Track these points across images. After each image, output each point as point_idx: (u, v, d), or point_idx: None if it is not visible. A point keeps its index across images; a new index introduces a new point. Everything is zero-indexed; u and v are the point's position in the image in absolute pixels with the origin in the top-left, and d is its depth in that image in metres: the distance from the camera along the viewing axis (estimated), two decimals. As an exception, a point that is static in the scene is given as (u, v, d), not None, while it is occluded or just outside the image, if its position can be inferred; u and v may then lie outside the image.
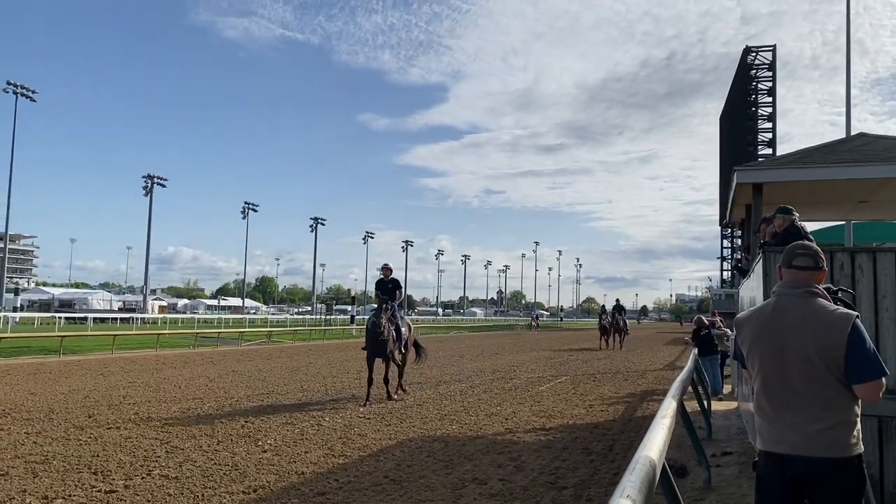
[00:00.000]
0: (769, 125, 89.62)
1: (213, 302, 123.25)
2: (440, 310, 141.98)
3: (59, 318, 49.97)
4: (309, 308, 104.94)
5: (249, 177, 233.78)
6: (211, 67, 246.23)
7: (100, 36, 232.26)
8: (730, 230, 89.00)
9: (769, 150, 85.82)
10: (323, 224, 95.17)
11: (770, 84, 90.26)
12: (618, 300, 38.09)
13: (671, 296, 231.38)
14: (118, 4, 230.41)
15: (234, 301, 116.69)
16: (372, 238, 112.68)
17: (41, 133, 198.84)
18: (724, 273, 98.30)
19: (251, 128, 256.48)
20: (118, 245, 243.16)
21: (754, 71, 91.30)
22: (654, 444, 3.12)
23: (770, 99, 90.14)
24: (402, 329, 13.76)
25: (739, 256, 15.26)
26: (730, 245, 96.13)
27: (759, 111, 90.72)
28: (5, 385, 14.95)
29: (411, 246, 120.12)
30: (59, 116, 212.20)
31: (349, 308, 78.98)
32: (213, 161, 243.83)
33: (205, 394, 13.90)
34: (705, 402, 10.62)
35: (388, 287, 13.91)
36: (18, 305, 68.38)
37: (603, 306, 39.58)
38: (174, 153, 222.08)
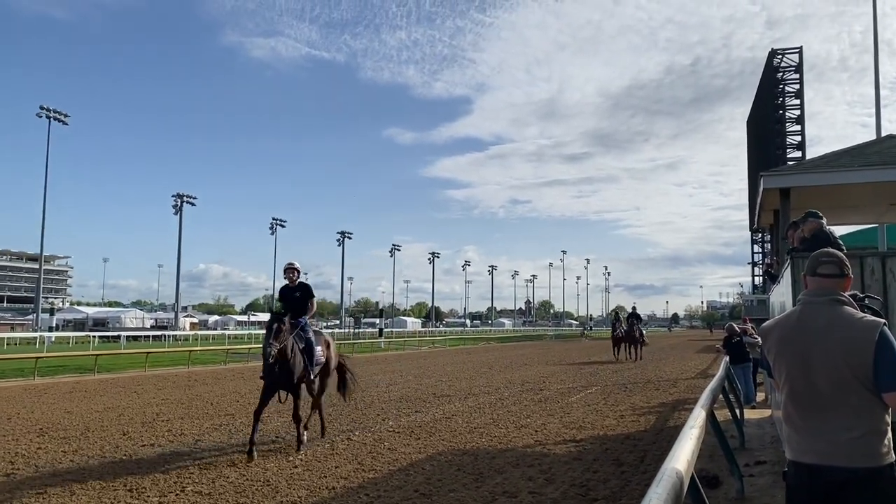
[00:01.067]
0: (798, 128, 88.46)
1: (243, 318, 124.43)
2: (468, 321, 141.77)
3: (94, 336, 50.80)
4: (338, 322, 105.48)
5: (277, 193, 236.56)
6: (239, 87, 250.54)
7: (129, 59, 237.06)
8: (760, 235, 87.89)
9: (798, 153, 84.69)
10: (350, 238, 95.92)
11: (797, 86, 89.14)
12: (634, 307, 36.59)
13: (702, 303, 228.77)
14: (148, 27, 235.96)
15: (264, 316, 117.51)
16: (399, 250, 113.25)
17: (73, 155, 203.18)
18: (756, 278, 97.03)
19: (278, 145, 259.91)
20: (150, 263, 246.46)
21: (781, 73, 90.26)
22: (682, 456, 3.11)
23: (798, 101, 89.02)
24: (318, 349, 10.37)
25: (770, 262, 15.06)
26: (760, 250, 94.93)
27: (787, 114, 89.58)
28: (43, 404, 15.25)
29: (438, 257, 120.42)
30: (91, 138, 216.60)
31: (377, 321, 79.26)
32: (241, 178, 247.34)
33: (236, 410, 14.04)
34: (737, 411, 10.48)
35: (294, 296, 10.53)
36: (54, 325, 69.74)
37: (615, 313, 37.60)
38: (203, 172, 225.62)
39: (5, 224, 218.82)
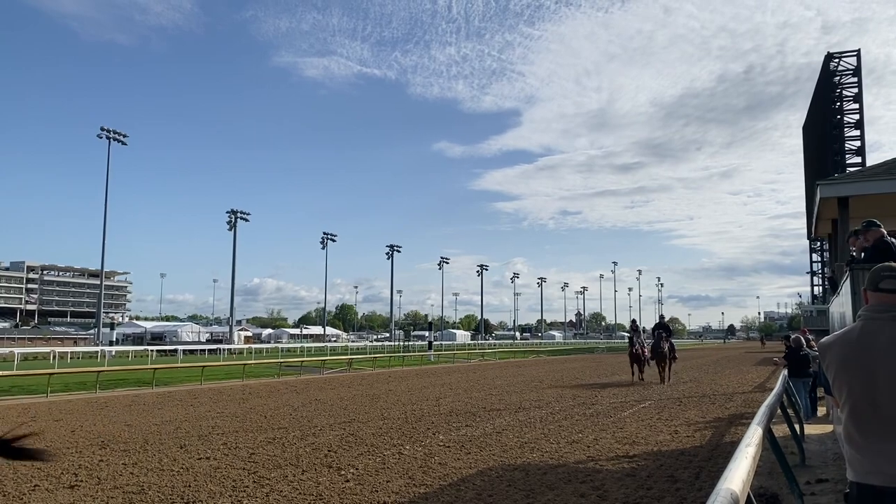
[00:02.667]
0: (857, 133, 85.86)
1: (296, 331, 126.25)
2: (517, 333, 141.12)
3: (152, 350, 52.16)
4: (388, 334, 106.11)
5: (328, 208, 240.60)
6: (292, 106, 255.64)
7: (186, 80, 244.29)
8: (819, 244, 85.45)
9: (858, 159, 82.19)
10: (399, 251, 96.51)
11: (856, 90, 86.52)
12: (661, 316, 29.29)
13: (759, 313, 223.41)
14: (205, 50, 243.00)
15: (316, 329, 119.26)
16: (447, 263, 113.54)
17: (131, 174, 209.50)
18: (815, 288, 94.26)
19: (329, 161, 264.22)
20: (205, 278, 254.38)
21: (838, 77, 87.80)
22: (737, 475, 3.04)
23: (856, 106, 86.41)
24: None
25: (833, 271, 14.60)
26: (819, 259, 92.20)
27: (846, 119, 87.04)
28: (104, 417, 15.71)
29: (486, 270, 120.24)
30: (148, 157, 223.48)
31: (427, 334, 79.44)
32: (294, 194, 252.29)
33: (289, 423, 14.23)
34: (797, 427, 10.17)
35: None
36: (114, 339, 71.92)
37: (633, 322, 28.30)
38: (256, 188, 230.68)
39: (69, 242, 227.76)
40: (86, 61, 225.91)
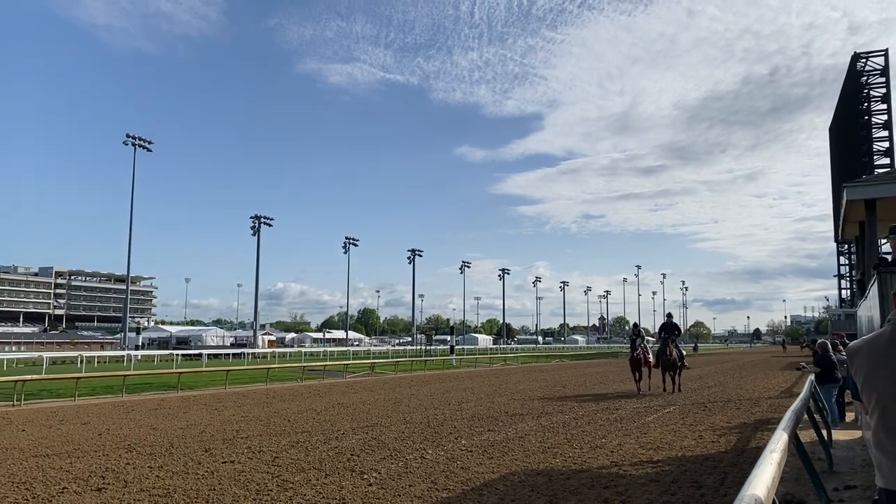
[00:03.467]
0: (885, 133, 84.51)
1: (319, 335, 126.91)
2: (540, 338, 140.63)
3: (177, 355, 52.72)
4: (410, 339, 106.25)
5: (350, 213, 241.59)
6: (316, 112, 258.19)
7: (211, 87, 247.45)
8: (846, 246, 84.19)
9: (887, 160, 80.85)
10: (420, 255, 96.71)
11: (884, 91, 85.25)
12: (669, 315, 24.19)
13: (785, 317, 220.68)
14: (230, 57, 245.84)
15: (339, 333, 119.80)
16: (469, 267, 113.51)
17: (157, 180, 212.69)
18: (843, 292, 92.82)
19: (351, 166, 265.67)
20: (230, 283, 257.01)
21: (865, 78, 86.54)
22: (762, 481, 3.01)
23: (884, 106, 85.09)
24: None
25: (859, 276, 14.39)
26: (847, 262, 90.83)
27: (873, 119, 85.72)
28: (130, 420, 15.91)
29: (508, 274, 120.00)
30: (173, 164, 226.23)
31: (449, 338, 79.42)
32: (317, 199, 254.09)
33: (312, 427, 14.30)
34: (824, 432, 10.02)
35: None
36: (140, 343, 72.72)
37: (635, 326, 25.45)
38: (280, 193, 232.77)
39: (96, 247, 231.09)
40: (113, 69, 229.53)
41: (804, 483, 7.62)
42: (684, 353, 22.93)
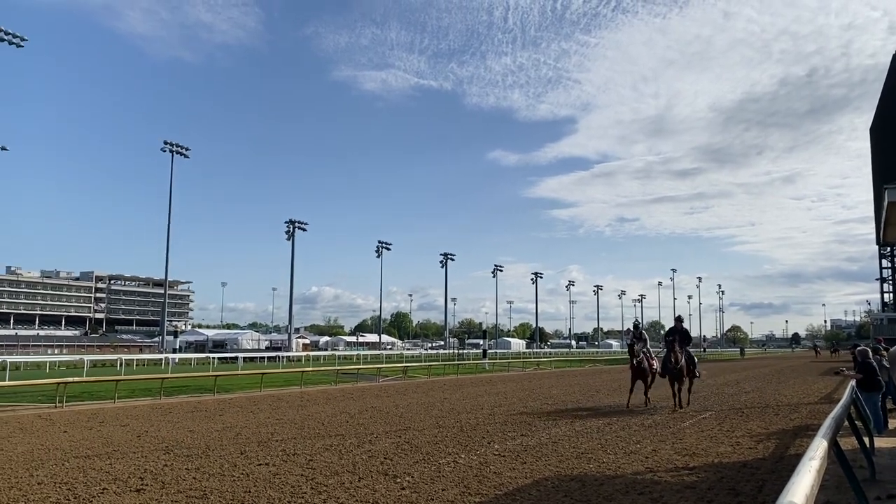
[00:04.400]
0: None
1: (352, 338, 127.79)
2: (573, 342, 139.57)
3: (213, 358, 53.46)
4: (442, 342, 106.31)
5: (383, 217, 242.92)
6: (350, 118, 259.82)
7: (248, 94, 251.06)
8: (889, 249, 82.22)
9: (930, 160, 78.84)
10: (452, 259, 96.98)
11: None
12: (678, 318, 20.03)
13: (825, 321, 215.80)
14: (267, 65, 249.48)
15: (371, 337, 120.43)
16: (501, 271, 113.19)
17: (193, 186, 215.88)
18: (886, 296, 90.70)
19: (384, 171, 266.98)
20: (265, 287, 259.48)
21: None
22: (800, 489, 2.96)
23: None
24: None
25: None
26: (889, 265, 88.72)
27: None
28: (168, 423, 16.18)
29: (541, 277, 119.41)
30: (210, 170, 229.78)
31: (481, 342, 79.33)
32: (350, 204, 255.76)
33: (346, 430, 14.39)
34: (866, 440, 9.79)
35: None
36: (177, 347, 73.87)
37: (635, 325, 21.17)
38: (314, 198, 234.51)
39: (134, 252, 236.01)
40: (152, 78, 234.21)
41: (845, 491, 7.45)
42: (696, 358, 19.95)
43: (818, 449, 4.19)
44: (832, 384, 28.72)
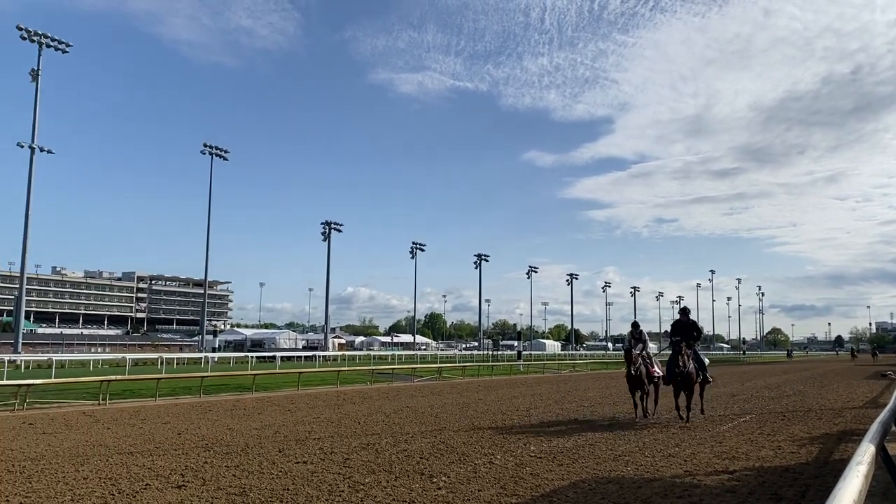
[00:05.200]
0: (978, 130, 79.96)
1: (387, 339, 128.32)
2: (610, 344, 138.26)
3: (252, 357, 54.16)
4: (476, 343, 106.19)
5: (418, 218, 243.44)
6: (387, 120, 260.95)
7: (287, 97, 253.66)
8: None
9: (980, 158, 76.44)
10: (486, 260, 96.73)
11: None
12: (684, 310, 17.50)
13: (870, 324, 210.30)
14: (305, 69, 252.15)
15: (406, 337, 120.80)
16: (535, 272, 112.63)
17: (232, 188, 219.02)
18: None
19: (420, 172, 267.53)
20: (302, 287, 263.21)
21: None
22: (847, 495, 2.89)
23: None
24: None
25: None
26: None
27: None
28: (208, 421, 16.44)
29: (576, 279, 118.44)
30: (248, 172, 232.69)
31: (515, 343, 79.06)
32: (386, 205, 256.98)
33: (382, 429, 14.47)
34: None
35: None
36: (217, 346, 75.00)
37: (634, 326, 17.72)
38: (349, 200, 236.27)
39: (175, 253, 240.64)
40: (195, 82, 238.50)
41: (892, 498, 7.27)
42: (706, 361, 17.00)
43: (866, 454, 4.10)
44: (878, 388, 28.02)
